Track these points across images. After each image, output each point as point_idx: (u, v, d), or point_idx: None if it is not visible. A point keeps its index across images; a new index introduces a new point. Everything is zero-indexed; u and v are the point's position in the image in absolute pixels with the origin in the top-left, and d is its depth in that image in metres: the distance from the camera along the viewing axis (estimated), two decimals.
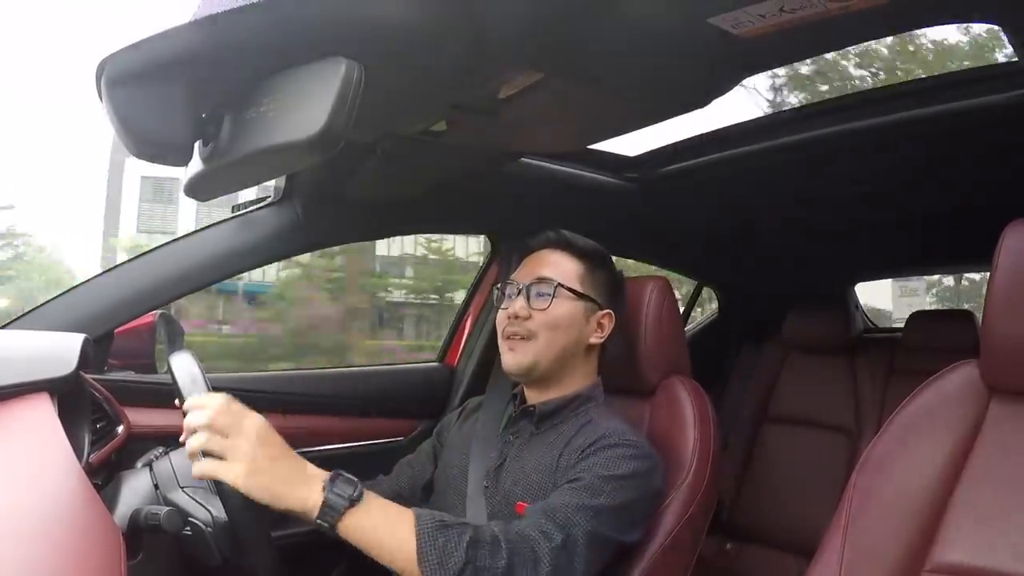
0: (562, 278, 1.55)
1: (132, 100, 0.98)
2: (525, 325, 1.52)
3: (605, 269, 1.63)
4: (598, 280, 1.60)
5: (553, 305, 1.52)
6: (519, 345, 1.53)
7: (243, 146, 1.00)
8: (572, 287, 1.55)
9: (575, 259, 1.59)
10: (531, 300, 1.53)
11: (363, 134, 1.49)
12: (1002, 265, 1.09)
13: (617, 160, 2.35)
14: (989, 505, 1.07)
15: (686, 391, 1.63)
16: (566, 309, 1.53)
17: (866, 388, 2.99)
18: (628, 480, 1.36)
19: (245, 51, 0.96)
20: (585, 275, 1.58)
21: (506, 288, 1.60)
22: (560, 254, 1.60)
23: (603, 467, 1.36)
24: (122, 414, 1.56)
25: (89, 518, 1.00)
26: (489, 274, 2.51)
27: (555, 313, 1.52)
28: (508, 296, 1.58)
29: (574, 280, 1.56)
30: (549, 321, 1.52)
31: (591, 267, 1.60)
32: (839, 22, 1.12)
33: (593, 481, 1.34)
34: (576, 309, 1.55)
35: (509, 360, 1.55)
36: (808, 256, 3.19)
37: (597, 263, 1.61)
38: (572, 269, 1.58)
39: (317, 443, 2.04)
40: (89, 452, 1.29)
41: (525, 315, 1.52)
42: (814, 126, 1.91)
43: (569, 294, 1.54)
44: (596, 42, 1.20)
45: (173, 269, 1.79)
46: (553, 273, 1.55)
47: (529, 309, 1.52)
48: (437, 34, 1.04)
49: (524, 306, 1.53)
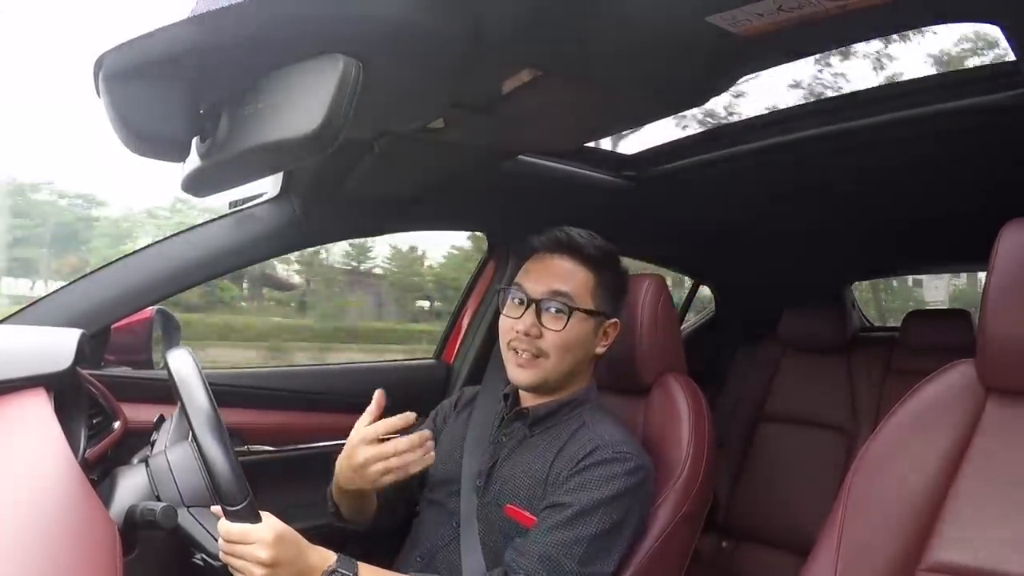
0: (577, 295, 1.49)
1: (130, 96, 0.98)
2: (536, 344, 1.47)
3: (612, 272, 1.58)
4: (607, 288, 1.55)
5: (568, 327, 1.47)
6: (528, 363, 1.49)
7: (241, 142, 1.00)
8: (586, 306, 1.49)
9: (587, 269, 1.52)
10: (542, 316, 1.48)
11: (361, 131, 1.49)
12: (999, 265, 1.10)
13: (614, 158, 2.35)
14: (984, 504, 1.08)
15: (681, 388, 1.63)
16: (579, 330, 1.49)
17: (862, 387, 2.99)
18: (618, 500, 1.37)
19: (243, 47, 0.96)
20: (596, 285, 1.52)
21: (512, 294, 1.53)
22: (571, 263, 1.52)
23: (594, 487, 1.37)
24: (118, 410, 1.56)
25: (85, 514, 1.00)
26: (486, 271, 2.51)
27: (569, 335, 1.47)
28: (514, 302, 1.52)
29: (587, 296, 1.50)
30: (562, 343, 1.47)
31: (601, 274, 1.54)
32: (837, 21, 1.12)
33: (584, 507, 1.35)
34: (588, 326, 1.51)
35: (518, 376, 1.51)
36: (805, 255, 3.19)
37: (605, 268, 1.55)
38: (584, 282, 1.51)
39: (313, 439, 2.05)
40: (85, 448, 1.29)
41: (536, 333, 1.47)
42: (811, 125, 1.91)
43: (583, 314, 1.49)
44: (594, 40, 1.20)
45: (170, 265, 1.79)
46: (568, 289, 1.49)
47: (541, 327, 1.47)
48: (435, 32, 1.04)
49: (535, 323, 1.47)
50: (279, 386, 2.07)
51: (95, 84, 0.97)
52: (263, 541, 1.16)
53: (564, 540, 1.32)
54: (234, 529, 1.17)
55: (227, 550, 1.18)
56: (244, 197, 1.92)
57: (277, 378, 2.11)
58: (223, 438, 1.18)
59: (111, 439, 1.45)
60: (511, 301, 1.53)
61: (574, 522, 1.34)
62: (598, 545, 1.34)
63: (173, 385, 1.22)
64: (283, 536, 1.19)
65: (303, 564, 1.21)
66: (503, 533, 1.44)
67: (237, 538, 1.17)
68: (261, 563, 1.16)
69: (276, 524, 1.20)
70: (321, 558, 1.24)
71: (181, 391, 1.21)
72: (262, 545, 1.16)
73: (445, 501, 1.55)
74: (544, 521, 1.37)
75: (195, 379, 1.21)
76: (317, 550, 1.25)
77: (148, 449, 1.43)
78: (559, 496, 1.38)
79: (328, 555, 1.25)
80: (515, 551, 1.36)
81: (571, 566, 1.31)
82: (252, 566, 1.16)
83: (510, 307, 1.53)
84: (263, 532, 1.17)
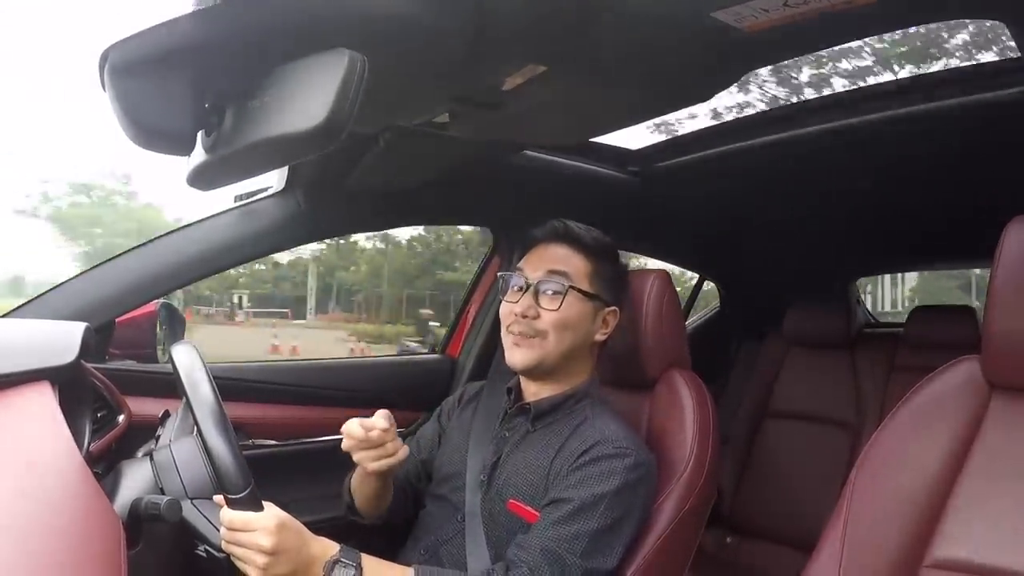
0: (573, 277, 1.51)
1: (135, 90, 0.98)
2: (533, 324, 1.49)
3: (611, 263, 1.60)
4: (605, 276, 1.56)
5: (564, 306, 1.49)
6: (525, 342, 1.50)
7: (246, 136, 1.00)
8: (583, 288, 1.51)
9: (584, 256, 1.55)
10: (540, 298, 1.50)
11: (366, 125, 1.49)
12: (1004, 262, 1.09)
13: (619, 153, 2.35)
14: (989, 501, 1.08)
15: (685, 383, 1.63)
16: (576, 310, 1.50)
17: (867, 384, 2.99)
18: (620, 495, 1.37)
19: (248, 41, 0.96)
20: (594, 272, 1.54)
21: (511, 279, 1.56)
22: (568, 249, 1.55)
23: (596, 482, 1.37)
24: (123, 403, 1.57)
25: (89, 507, 1.01)
26: (491, 267, 2.51)
27: (566, 314, 1.49)
28: (513, 288, 1.55)
29: (584, 279, 1.53)
30: (559, 322, 1.49)
31: (599, 263, 1.56)
32: (842, 17, 1.12)
33: (585, 502, 1.35)
34: (586, 309, 1.52)
35: (514, 356, 1.52)
36: (809, 251, 3.18)
37: (604, 258, 1.58)
38: (582, 267, 1.54)
39: (318, 434, 2.06)
40: (90, 441, 1.29)
41: (534, 315, 1.49)
42: (816, 121, 1.91)
43: (580, 294, 1.51)
44: (599, 35, 1.20)
45: (175, 259, 1.79)
46: (565, 269, 1.52)
47: (538, 308, 1.49)
48: (441, 26, 1.04)
49: (533, 304, 1.50)
50: (284, 380, 2.07)
51: (100, 78, 0.97)
52: (266, 529, 1.16)
53: (566, 535, 1.33)
54: (236, 517, 1.17)
55: (229, 538, 1.18)
56: (249, 191, 1.93)
57: (282, 372, 2.12)
58: (226, 428, 1.18)
59: (115, 433, 1.45)
60: (511, 288, 1.55)
61: (576, 517, 1.34)
62: (600, 540, 1.34)
63: (178, 379, 1.22)
64: (285, 524, 1.19)
65: (306, 553, 1.22)
66: (506, 528, 1.44)
67: (239, 526, 1.17)
68: (263, 551, 1.16)
69: (278, 512, 1.20)
70: (323, 548, 1.24)
71: (186, 385, 1.21)
72: (264, 533, 1.16)
73: (450, 496, 1.56)
74: (546, 516, 1.37)
75: (200, 373, 1.22)
76: (320, 540, 1.25)
77: (153, 443, 1.44)
78: (561, 491, 1.38)
79: (331, 545, 1.25)
80: (517, 546, 1.36)
81: (573, 560, 1.31)
82: (254, 554, 1.16)
83: (510, 293, 1.55)
84: (266, 520, 1.17)
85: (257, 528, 1.17)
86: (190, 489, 1.28)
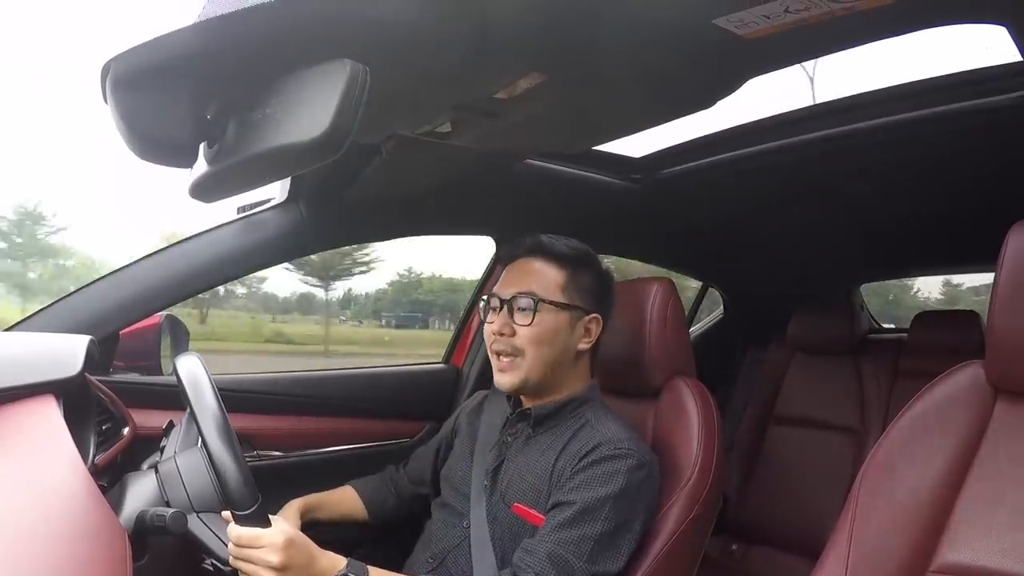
0: (543, 290, 1.52)
1: (137, 101, 0.98)
2: (510, 342, 1.51)
3: (589, 271, 1.59)
4: (582, 285, 1.56)
5: (536, 320, 1.50)
6: (507, 364, 1.52)
7: (248, 148, 1.00)
8: (554, 299, 1.52)
9: (556, 266, 1.55)
10: (514, 315, 1.52)
11: (368, 135, 1.49)
12: (1007, 266, 1.09)
13: (621, 161, 2.35)
14: (994, 506, 1.07)
15: (690, 391, 1.63)
16: (550, 322, 1.51)
17: (871, 389, 2.98)
18: (623, 497, 1.38)
19: (250, 53, 0.96)
20: (567, 282, 1.55)
21: (490, 302, 1.58)
22: (540, 262, 1.56)
23: (598, 484, 1.38)
24: (128, 415, 1.57)
25: (95, 520, 1.01)
26: (493, 276, 2.51)
27: (539, 328, 1.50)
28: (492, 310, 1.56)
29: (556, 290, 1.53)
30: (534, 337, 1.50)
31: (573, 272, 1.56)
32: (844, 23, 1.12)
33: (589, 504, 1.36)
34: (560, 320, 1.52)
35: (501, 380, 1.53)
36: (813, 257, 3.18)
37: (580, 266, 1.58)
38: (553, 278, 1.54)
39: (324, 444, 2.06)
40: (95, 454, 1.29)
41: (509, 332, 1.51)
42: (818, 127, 1.91)
43: (551, 307, 1.51)
44: (601, 43, 1.20)
45: (178, 271, 1.79)
46: (534, 285, 1.52)
47: (513, 325, 1.51)
48: (443, 36, 1.04)
49: (507, 322, 1.51)
50: (289, 391, 2.07)
51: (102, 90, 0.97)
52: (274, 545, 1.17)
53: (571, 538, 1.33)
54: (244, 533, 1.17)
55: (237, 554, 1.18)
56: (252, 203, 1.93)
57: (287, 383, 2.12)
58: (232, 443, 1.19)
59: (120, 445, 1.45)
60: (490, 309, 1.57)
61: (580, 520, 1.34)
62: (605, 543, 1.35)
63: (182, 390, 1.22)
64: (293, 540, 1.19)
65: (314, 569, 1.22)
66: (512, 532, 1.45)
67: (247, 542, 1.17)
68: (271, 567, 1.16)
69: (286, 528, 1.20)
70: (331, 563, 1.24)
71: (191, 396, 1.21)
72: (272, 549, 1.16)
73: (456, 503, 1.57)
74: (551, 520, 1.37)
75: (204, 384, 1.22)
76: (327, 555, 1.25)
77: (158, 455, 1.44)
78: (563, 494, 1.39)
79: (338, 560, 1.26)
80: (523, 551, 1.36)
81: (579, 564, 1.32)
82: (262, 570, 1.17)
83: (489, 314, 1.57)
84: (274, 536, 1.17)
85: (266, 544, 1.17)
86: (195, 501, 1.28)
